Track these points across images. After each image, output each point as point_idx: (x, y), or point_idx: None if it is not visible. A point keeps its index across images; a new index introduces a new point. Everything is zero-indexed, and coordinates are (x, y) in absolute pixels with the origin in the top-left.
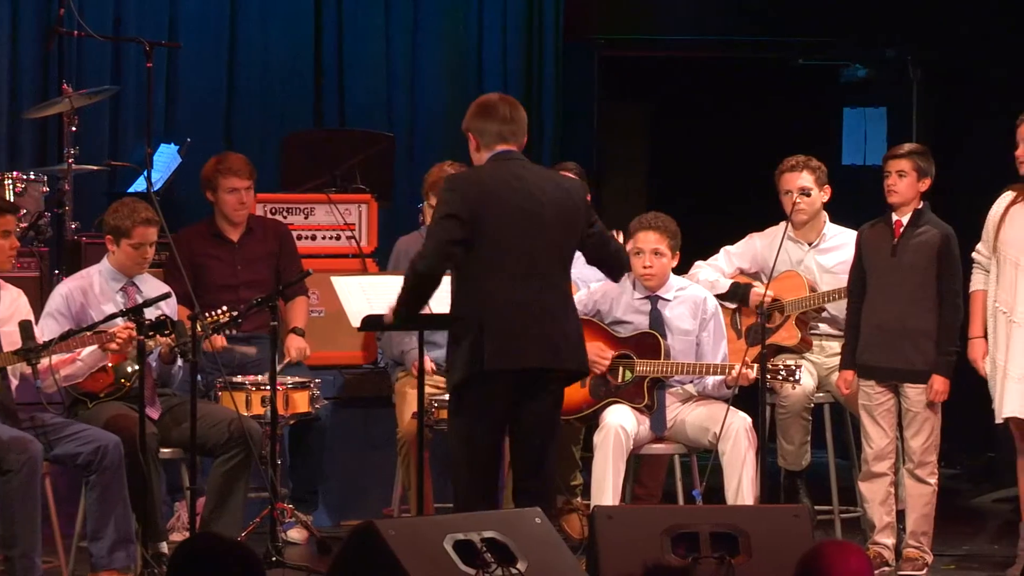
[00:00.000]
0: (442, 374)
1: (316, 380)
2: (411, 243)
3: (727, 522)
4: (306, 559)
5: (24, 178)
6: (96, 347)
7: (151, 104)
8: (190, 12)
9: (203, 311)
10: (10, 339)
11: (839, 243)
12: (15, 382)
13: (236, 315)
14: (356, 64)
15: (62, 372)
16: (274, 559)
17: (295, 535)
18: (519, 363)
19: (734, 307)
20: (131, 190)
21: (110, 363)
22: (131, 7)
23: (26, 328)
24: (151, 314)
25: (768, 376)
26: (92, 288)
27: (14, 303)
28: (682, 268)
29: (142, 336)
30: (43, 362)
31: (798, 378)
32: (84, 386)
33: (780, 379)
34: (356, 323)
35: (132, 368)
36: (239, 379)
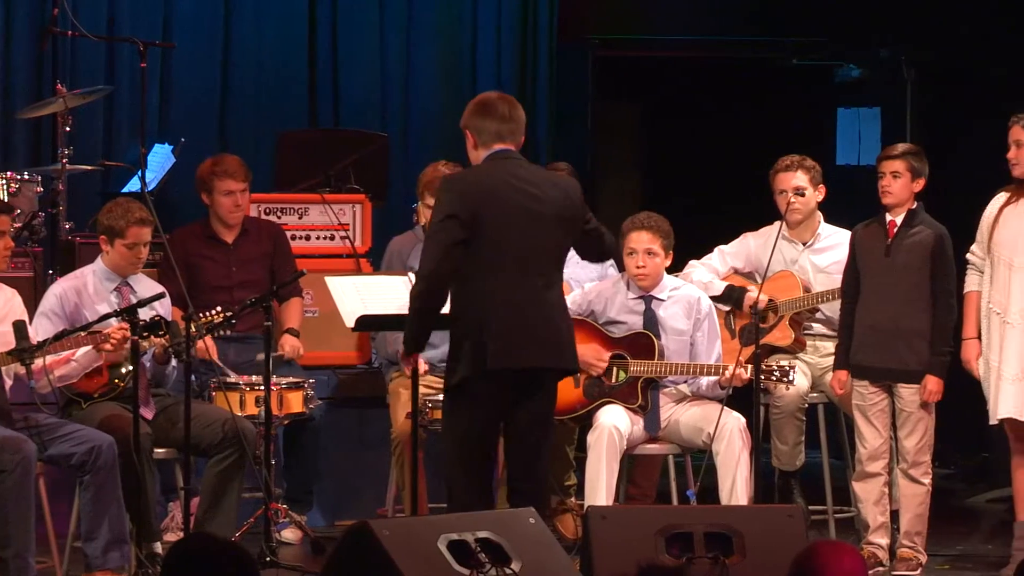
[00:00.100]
0: (436, 374)
1: (310, 380)
2: (404, 243)
3: (721, 522)
4: (300, 559)
5: (18, 178)
6: (90, 347)
7: (145, 104)
8: (184, 12)
9: (197, 311)
10: (4, 339)
11: (833, 243)
12: (9, 382)
13: (230, 315)
14: (350, 63)
15: (56, 372)
16: (268, 559)
17: (289, 535)
18: (522, 362)
19: (728, 308)
20: (125, 190)
21: (104, 363)
22: (125, 7)
23: (20, 328)
24: (145, 314)
25: (762, 376)
26: (86, 288)
27: (8, 303)
28: (676, 268)
29: (136, 336)
30: (37, 362)
31: (792, 378)
32: (78, 386)
33: (774, 379)
34: (350, 323)
35: (126, 368)
36: (233, 379)
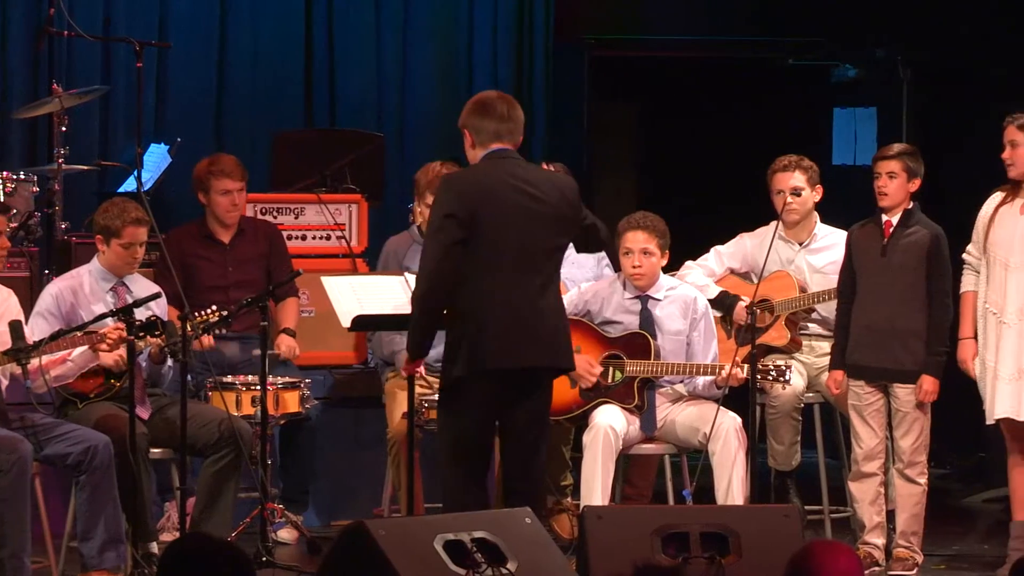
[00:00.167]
0: (432, 374)
1: (306, 380)
2: (400, 243)
3: (717, 522)
4: (296, 559)
5: (14, 178)
6: (86, 347)
7: (141, 104)
8: (180, 12)
9: (193, 311)
10: (0, 339)
11: (829, 243)
12: (5, 382)
13: (226, 315)
14: (346, 64)
15: (52, 372)
16: (264, 559)
17: (285, 535)
18: (521, 362)
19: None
20: (121, 190)
21: (100, 363)
22: (121, 7)
23: (16, 328)
24: (141, 314)
25: (758, 376)
26: (82, 288)
27: (4, 303)
28: (672, 267)
29: (132, 336)
30: (33, 362)
31: (788, 378)
32: (74, 386)
33: (770, 379)
34: (346, 323)
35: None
36: (229, 379)
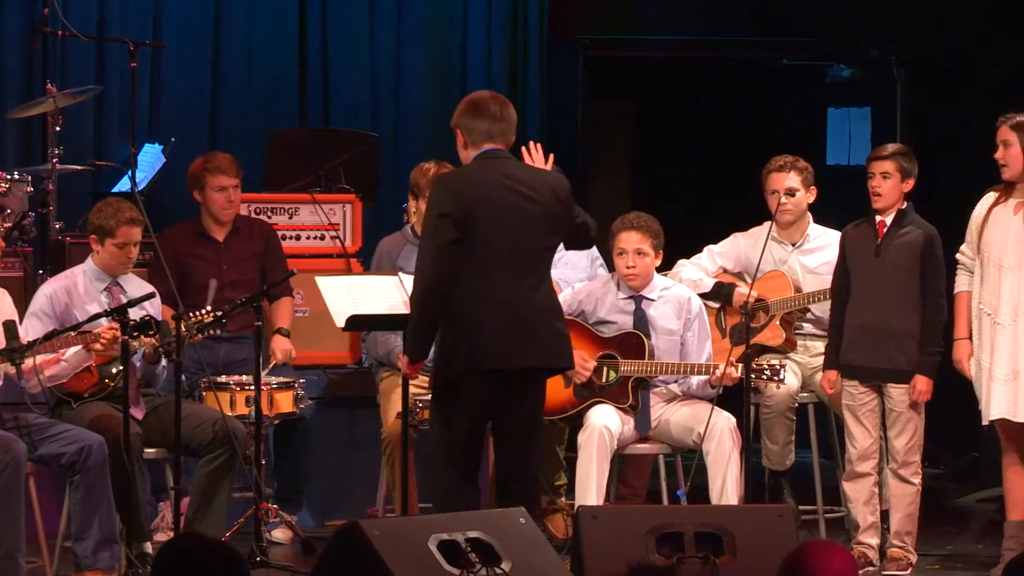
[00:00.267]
0: (427, 374)
1: (300, 380)
2: (393, 243)
3: (711, 522)
4: (290, 559)
5: (8, 178)
6: (80, 347)
7: (135, 104)
8: (174, 12)
9: (187, 311)
10: None
11: (823, 244)
12: None
13: (220, 315)
14: (341, 63)
15: (46, 372)
16: (258, 559)
17: (279, 535)
18: (518, 362)
19: (718, 306)
20: (115, 190)
21: (94, 363)
22: (115, 7)
23: (10, 328)
24: (135, 314)
25: (752, 376)
26: (76, 288)
27: None
28: (666, 267)
29: (126, 336)
30: (27, 362)
31: (782, 377)
32: (68, 386)
33: (764, 379)
34: (340, 323)
35: (116, 368)
36: (223, 379)
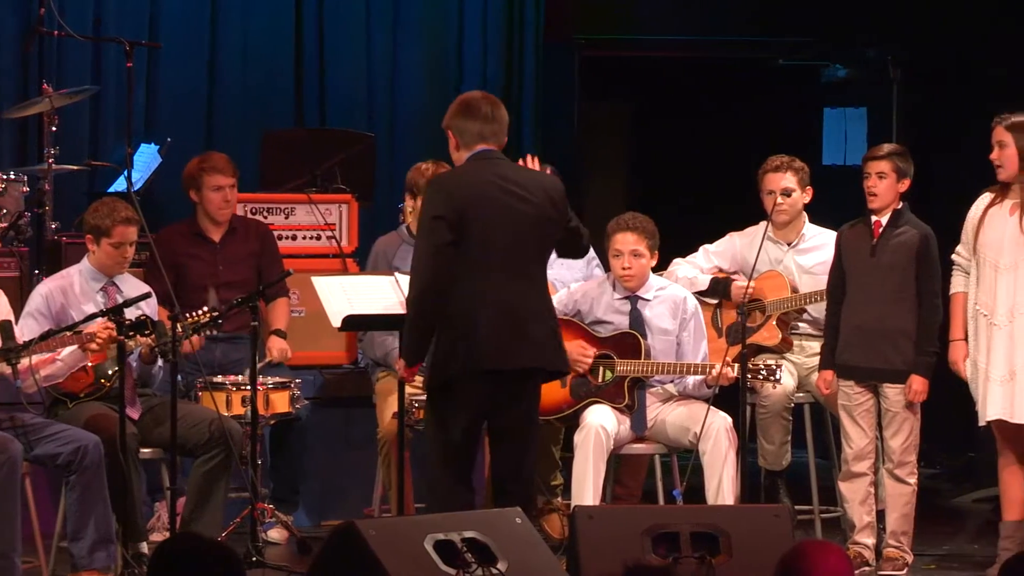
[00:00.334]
0: (423, 374)
1: (296, 380)
2: (389, 243)
3: (707, 522)
4: (286, 559)
5: (4, 178)
6: (76, 347)
7: (131, 104)
8: (170, 12)
9: (183, 311)
10: None
11: (818, 243)
12: None
13: (216, 315)
14: (337, 63)
15: (42, 372)
16: (254, 559)
17: (275, 535)
18: (515, 363)
19: (715, 303)
20: (111, 190)
21: (90, 363)
22: (111, 7)
23: (6, 328)
24: (131, 314)
25: (748, 375)
26: (72, 288)
27: None
28: (661, 267)
29: (122, 336)
30: (23, 362)
31: (779, 377)
32: (64, 386)
33: (761, 378)
34: (336, 323)
35: (112, 368)
36: (219, 379)
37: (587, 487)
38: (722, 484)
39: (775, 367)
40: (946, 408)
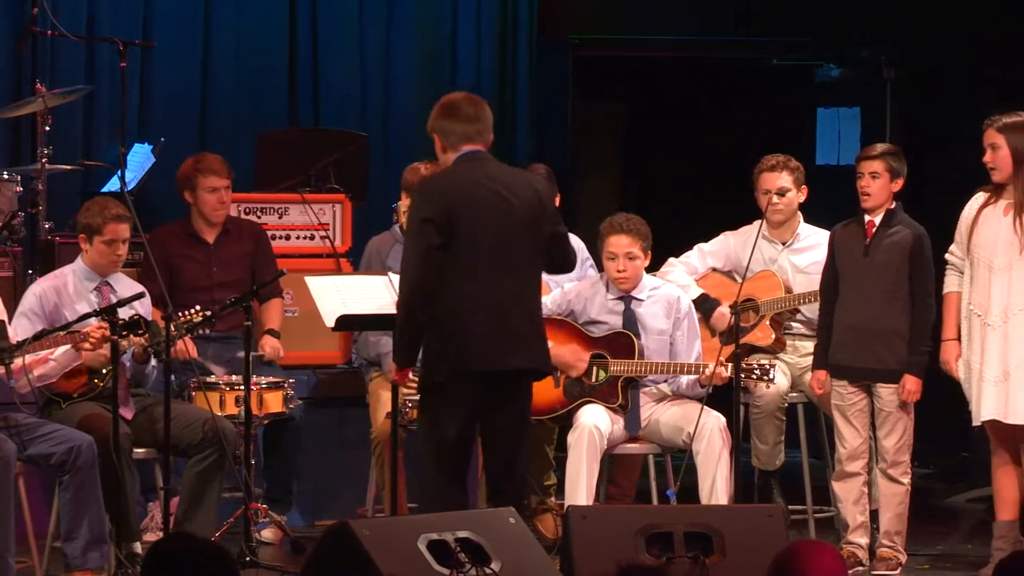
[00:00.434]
0: (416, 374)
1: (290, 380)
2: (383, 243)
3: (701, 522)
4: (280, 559)
5: None
6: (69, 347)
7: (125, 104)
8: (164, 11)
9: (177, 311)
10: None
11: (813, 243)
12: None
13: (210, 315)
14: (330, 62)
15: (35, 372)
16: (248, 559)
17: (269, 535)
18: (506, 364)
19: None
20: (105, 190)
21: (84, 363)
22: (105, 7)
23: None
24: (125, 314)
25: (742, 375)
26: (66, 288)
27: None
28: (654, 266)
29: (116, 336)
30: (16, 362)
31: (772, 377)
32: (57, 386)
33: (754, 378)
34: (330, 323)
35: (106, 368)
36: (213, 379)
37: (581, 487)
38: (716, 484)
39: (768, 367)
40: (940, 408)
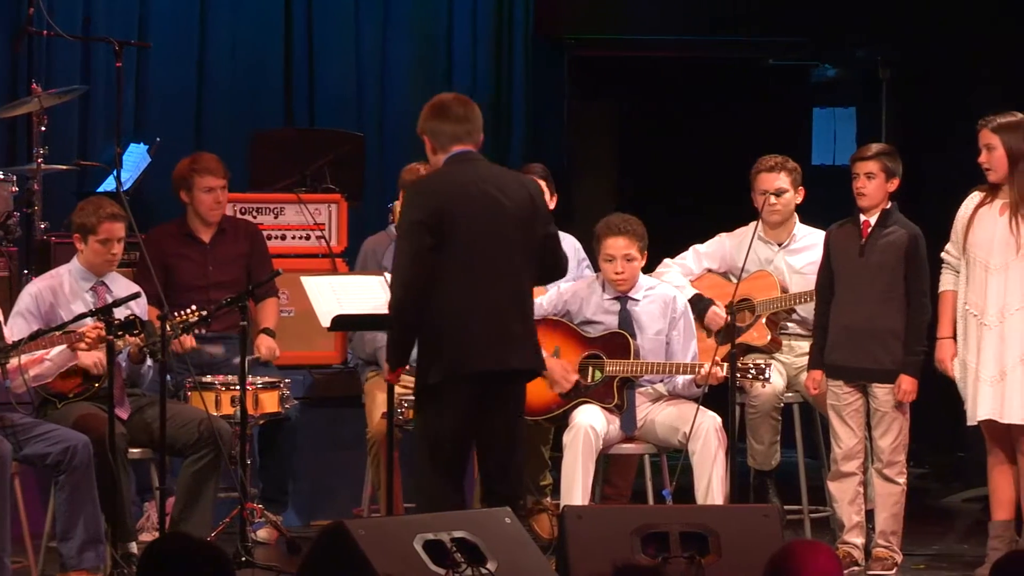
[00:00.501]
0: (411, 374)
1: (286, 380)
2: (378, 243)
3: (697, 522)
4: (276, 559)
5: None
6: (65, 347)
7: (120, 104)
8: (160, 12)
9: (172, 311)
10: None
11: (809, 244)
12: None
13: (205, 315)
14: (326, 61)
15: (31, 372)
16: (244, 559)
17: (265, 535)
18: (502, 364)
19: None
20: (100, 190)
21: (79, 363)
22: (100, 7)
23: None
24: (120, 314)
25: (738, 375)
26: (62, 288)
27: None
28: (650, 267)
29: (111, 336)
30: (12, 362)
31: (768, 377)
32: (53, 386)
33: (750, 378)
34: (326, 323)
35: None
36: (209, 379)
37: (576, 487)
38: (711, 484)
39: (764, 367)
40: (935, 408)
